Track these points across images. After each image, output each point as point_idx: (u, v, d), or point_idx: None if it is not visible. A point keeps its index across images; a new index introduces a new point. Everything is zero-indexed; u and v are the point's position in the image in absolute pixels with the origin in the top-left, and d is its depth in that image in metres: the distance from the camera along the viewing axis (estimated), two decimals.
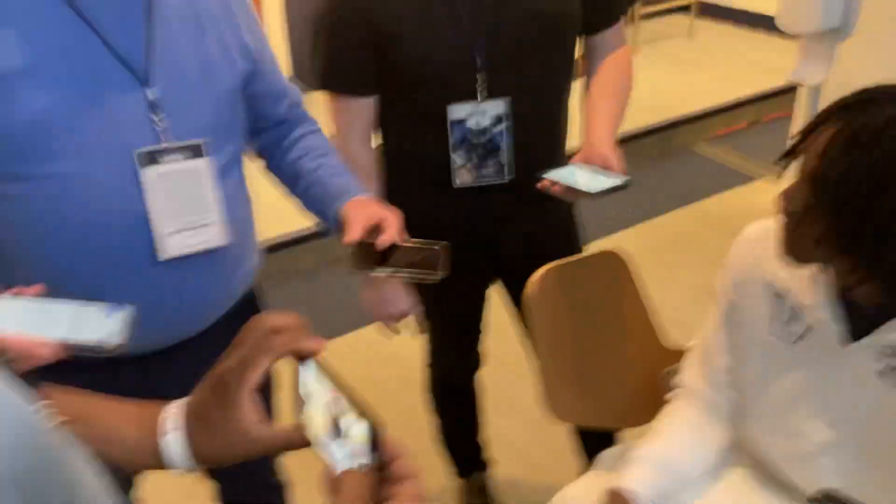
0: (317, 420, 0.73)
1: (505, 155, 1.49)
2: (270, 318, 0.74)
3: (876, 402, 1.13)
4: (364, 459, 0.67)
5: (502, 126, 1.48)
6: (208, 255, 1.24)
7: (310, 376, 0.74)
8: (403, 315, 1.60)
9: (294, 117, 1.43)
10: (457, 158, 1.51)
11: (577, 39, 1.56)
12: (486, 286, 1.79)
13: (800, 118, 2.41)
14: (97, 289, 1.17)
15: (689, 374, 1.38)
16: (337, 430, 0.70)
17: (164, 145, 1.17)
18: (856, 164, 0.96)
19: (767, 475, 1.33)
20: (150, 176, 1.16)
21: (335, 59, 1.51)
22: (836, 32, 2.15)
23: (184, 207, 1.20)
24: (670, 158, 4.24)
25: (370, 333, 2.91)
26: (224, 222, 1.25)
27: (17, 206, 1.14)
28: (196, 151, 1.20)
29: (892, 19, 2.17)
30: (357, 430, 0.67)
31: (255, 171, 1.46)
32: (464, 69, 1.44)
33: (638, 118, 4.28)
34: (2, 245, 1.19)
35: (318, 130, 1.46)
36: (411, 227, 1.62)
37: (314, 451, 0.74)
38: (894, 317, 1.08)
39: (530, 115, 1.50)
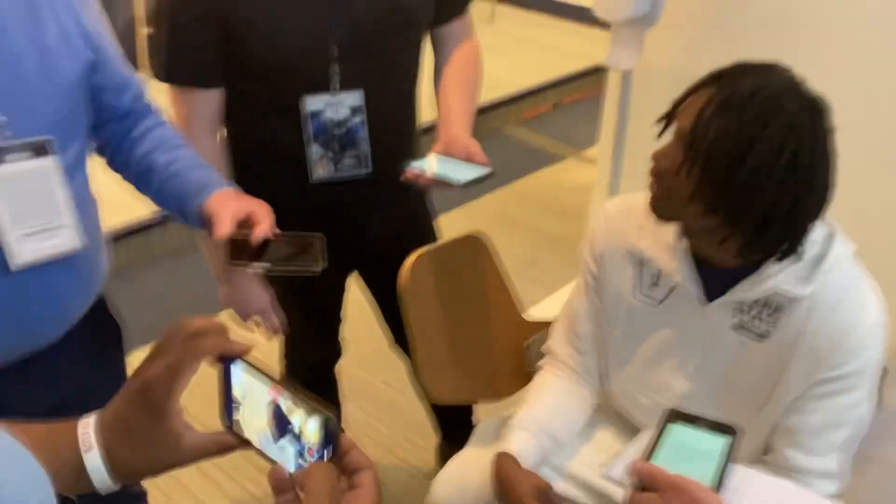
0: (255, 421, 0.70)
1: (364, 146, 1.48)
2: (192, 322, 0.71)
3: (731, 353, 1.25)
4: (318, 454, 0.65)
5: (360, 117, 1.47)
6: (63, 260, 1.15)
7: (240, 377, 0.72)
8: (263, 311, 1.56)
9: (139, 109, 1.33)
10: (313, 151, 1.48)
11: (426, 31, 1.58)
12: (346, 276, 1.78)
13: (615, 100, 2.58)
14: None
15: (557, 342, 1.45)
16: (281, 429, 0.68)
17: (4, 143, 1.06)
18: (726, 125, 1.06)
19: (634, 431, 1.43)
20: None
21: (177, 49, 1.42)
22: (645, 19, 2.31)
23: (33, 210, 1.10)
24: (483, 142, 4.37)
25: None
26: (77, 224, 1.15)
27: None
28: (41, 150, 1.10)
29: (695, 7, 2.37)
30: (310, 426, 0.66)
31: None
32: (318, 59, 1.41)
33: None
34: None
35: (165, 122, 1.38)
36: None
37: (252, 452, 0.71)
38: (743, 278, 1.19)
39: (386, 106, 1.50)
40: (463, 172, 1.40)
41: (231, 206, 1.21)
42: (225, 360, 0.71)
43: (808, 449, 1.21)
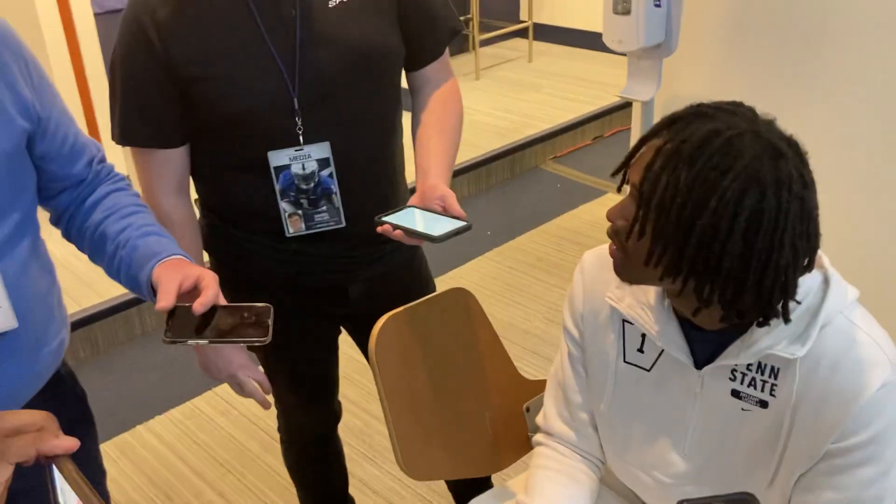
0: None
1: (335, 200, 1.40)
2: (8, 417, 0.63)
3: (730, 422, 1.10)
4: None
5: (330, 169, 1.38)
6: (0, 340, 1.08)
7: (59, 481, 0.63)
8: (243, 368, 1.46)
9: (94, 176, 1.27)
10: (286, 206, 1.41)
11: (401, 74, 1.49)
12: (334, 335, 1.68)
13: (637, 134, 2.46)
14: None
15: (551, 418, 1.31)
16: None
17: None
18: (676, 178, 0.92)
19: (636, 502, 1.29)
20: None
21: (130, 110, 1.36)
22: (660, 49, 2.19)
23: None
24: (520, 180, 4.29)
25: (227, 392, 2.75)
26: (10, 304, 1.09)
27: None
28: None
29: (712, 33, 2.24)
30: None
31: None
32: (279, 112, 1.33)
33: (485, 143, 4.30)
34: None
35: (126, 187, 1.31)
36: (243, 282, 1.51)
37: None
38: (732, 341, 1.05)
39: (358, 157, 1.41)
40: (438, 225, 1.29)
41: (176, 275, 1.13)
42: (48, 462, 0.63)
43: None
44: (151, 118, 1.36)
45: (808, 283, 1.01)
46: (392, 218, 1.31)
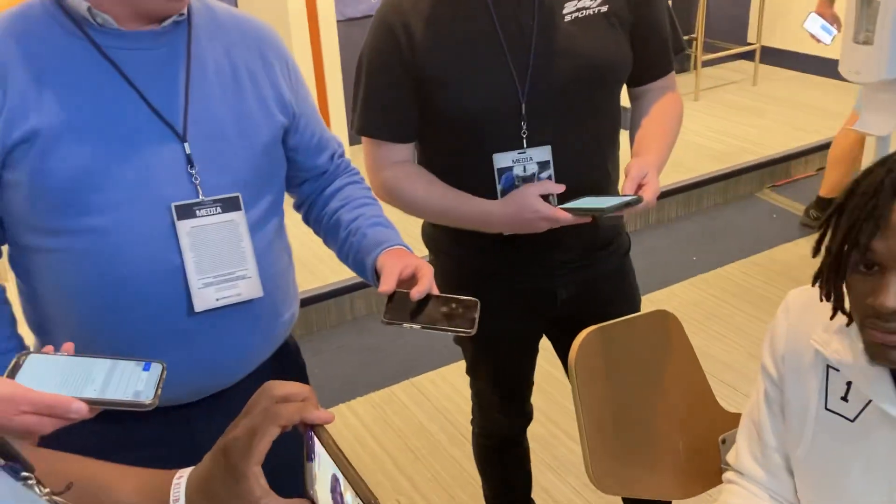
0: (323, 496, 0.70)
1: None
2: (279, 386, 0.72)
3: None
4: None
5: (547, 172, 1.44)
6: (243, 306, 1.23)
7: (317, 448, 0.71)
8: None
9: (334, 169, 1.43)
10: None
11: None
12: (537, 338, 1.74)
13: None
14: (133, 342, 1.17)
15: (742, 455, 1.28)
16: None
17: (200, 198, 1.17)
18: None
19: None
20: (186, 228, 1.16)
21: (370, 106, 1.50)
22: None
23: (219, 260, 1.19)
24: (733, 207, 4.14)
25: (423, 383, 2.89)
26: (258, 275, 1.24)
27: (53, 260, 1.15)
28: (232, 204, 1.20)
29: None
30: None
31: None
32: (507, 116, 1.42)
33: (700, 166, 4.19)
34: (39, 299, 1.20)
35: (360, 181, 1.45)
36: (459, 275, 1.61)
37: None
38: None
39: (575, 162, 1.47)
40: (608, 201, 1.34)
41: (398, 263, 1.24)
42: (307, 430, 0.72)
43: None
44: (388, 116, 1.48)
45: None
46: (570, 204, 1.37)
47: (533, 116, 1.42)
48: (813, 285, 1.08)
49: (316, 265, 3.25)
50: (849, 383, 1.10)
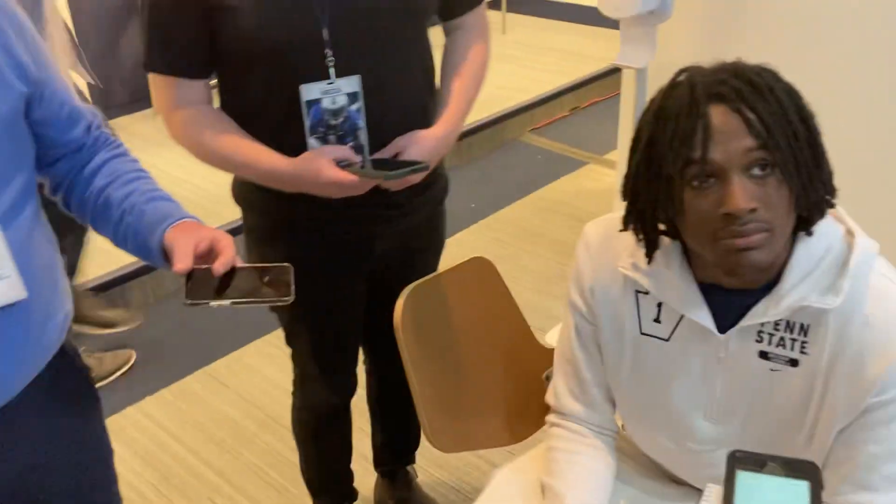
0: None
1: (361, 136, 1.37)
2: None
3: (759, 384, 1.09)
4: None
5: (357, 105, 1.36)
6: (5, 311, 1.04)
7: None
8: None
9: (93, 142, 1.23)
10: (314, 143, 1.38)
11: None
12: (359, 299, 1.64)
13: (630, 101, 2.44)
14: None
15: (562, 394, 1.29)
16: None
17: None
18: (778, 104, 0.96)
19: (658, 471, 1.29)
20: None
21: (157, 38, 1.35)
22: (655, 15, 2.18)
23: None
24: (502, 152, 4.27)
25: (218, 370, 2.71)
26: (18, 273, 1.05)
27: None
28: None
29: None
30: None
31: None
32: (312, 45, 1.32)
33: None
34: None
35: (126, 153, 1.27)
36: (271, 228, 1.49)
37: None
38: (760, 298, 1.04)
39: (388, 95, 1.39)
40: (396, 169, 1.31)
41: (191, 237, 1.10)
42: None
43: (863, 484, 1.05)
44: (176, 48, 1.35)
45: (830, 235, 1.02)
46: (356, 168, 1.34)
47: (338, 46, 1.32)
48: (625, 229, 1.09)
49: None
50: (659, 304, 1.13)
